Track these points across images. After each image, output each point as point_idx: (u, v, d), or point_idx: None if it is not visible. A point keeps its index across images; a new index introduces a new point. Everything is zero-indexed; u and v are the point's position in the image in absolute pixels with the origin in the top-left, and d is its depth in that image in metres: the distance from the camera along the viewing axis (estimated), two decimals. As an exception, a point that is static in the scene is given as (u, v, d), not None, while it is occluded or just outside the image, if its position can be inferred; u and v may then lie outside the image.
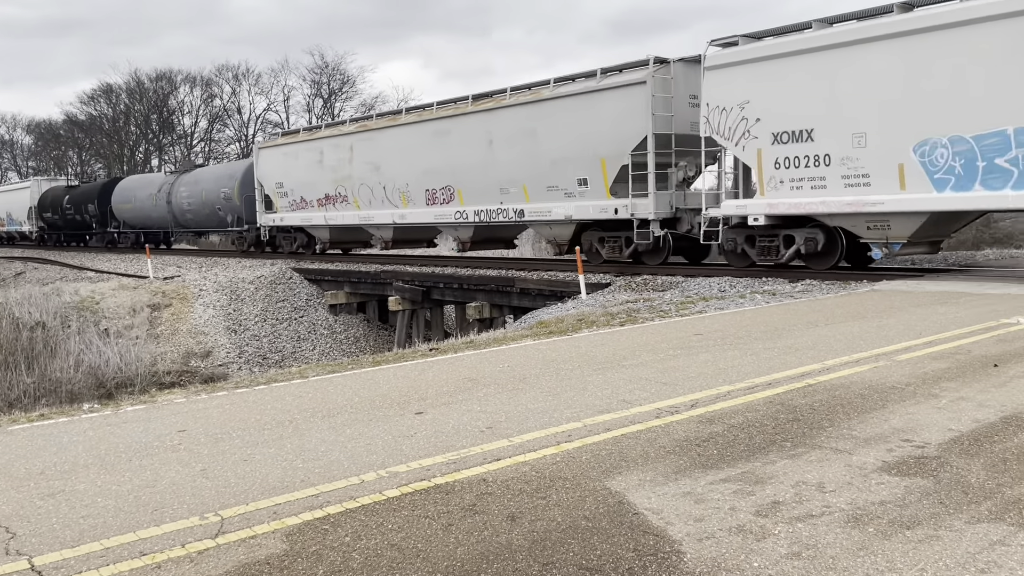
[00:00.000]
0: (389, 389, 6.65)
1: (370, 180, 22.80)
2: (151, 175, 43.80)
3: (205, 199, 30.74)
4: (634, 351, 7.91)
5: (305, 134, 26.26)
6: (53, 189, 45.90)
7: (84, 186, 44.32)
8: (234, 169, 30.93)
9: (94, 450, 5.11)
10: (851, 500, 3.80)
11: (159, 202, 33.85)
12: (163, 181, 34.85)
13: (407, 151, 21.56)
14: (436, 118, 20.91)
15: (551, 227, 18.92)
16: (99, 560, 3.42)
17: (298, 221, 26.05)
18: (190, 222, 33.01)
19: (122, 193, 37.57)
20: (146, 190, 35.44)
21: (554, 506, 3.85)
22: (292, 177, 25.84)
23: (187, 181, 32.48)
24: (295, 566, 3.30)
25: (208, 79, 68.06)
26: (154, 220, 35.19)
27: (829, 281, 13.52)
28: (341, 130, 24.43)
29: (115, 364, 16.64)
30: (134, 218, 36.75)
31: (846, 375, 6.36)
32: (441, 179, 20.72)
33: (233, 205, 29.12)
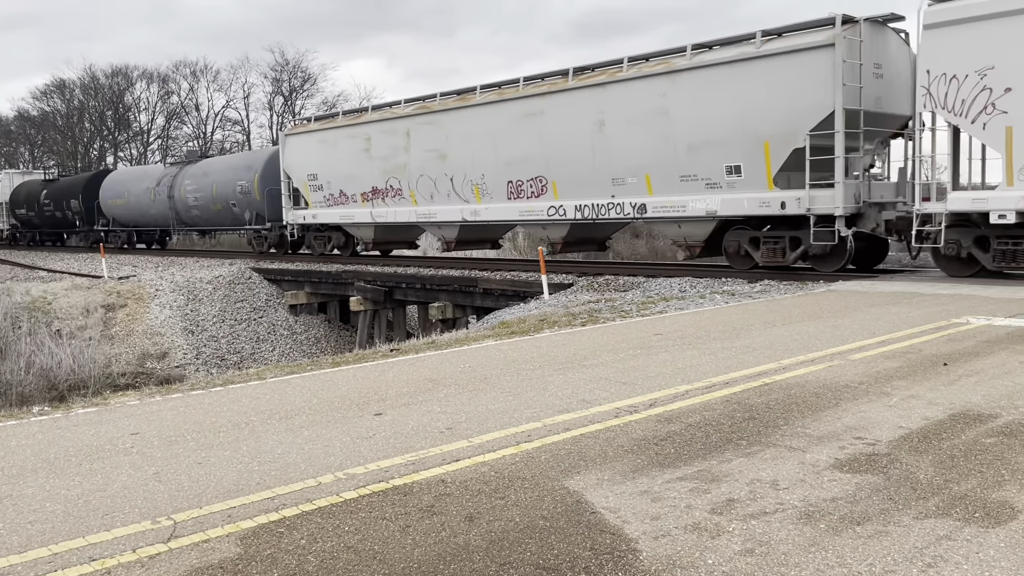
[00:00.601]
0: (348, 390, 6.60)
1: (432, 171, 19.97)
2: (148, 167, 38.38)
3: (216, 194, 27.22)
4: (595, 351, 7.95)
5: (346, 118, 22.90)
6: (28, 183, 41.81)
7: (65, 179, 40.28)
8: (253, 159, 27.13)
9: (43, 454, 4.99)
10: (804, 497, 3.86)
11: (158, 197, 30.44)
12: (163, 173, 31.26)
13: (483, 136, 18.65)
14: (524, 96, 17.85)
15: (680, 225, 16.02)
16: (47, 566, 3.34)
17: (335, 218, 22.97)
18: (196, 219, 29.52)
19: (112, 187, 33.89)
20: (142, 183, 31.94)
21: (512, 506, 3.85)
22: (329, 168, 22.78)
23: (193, 173, 28.99)
24: (249, 570, 3.25)
25: (165, 75, 66.87)
26: (151, 217, 31.78)
27: (787, 282, 13.73)
28: (395, 112, 21.03)
29: (68, 366, 16.28)
30: (126, 215, 33.25)
31: (801, 374, 6.47)
32: (529, 168, 17.87)
33: (251, 200, 25.70)
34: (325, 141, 22.94)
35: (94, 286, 21.44)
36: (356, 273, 20.64)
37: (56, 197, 37.29)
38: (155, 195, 30.62)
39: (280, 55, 77.92)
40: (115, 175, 35.65)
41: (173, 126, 67.48)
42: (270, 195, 24.91)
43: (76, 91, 68.43)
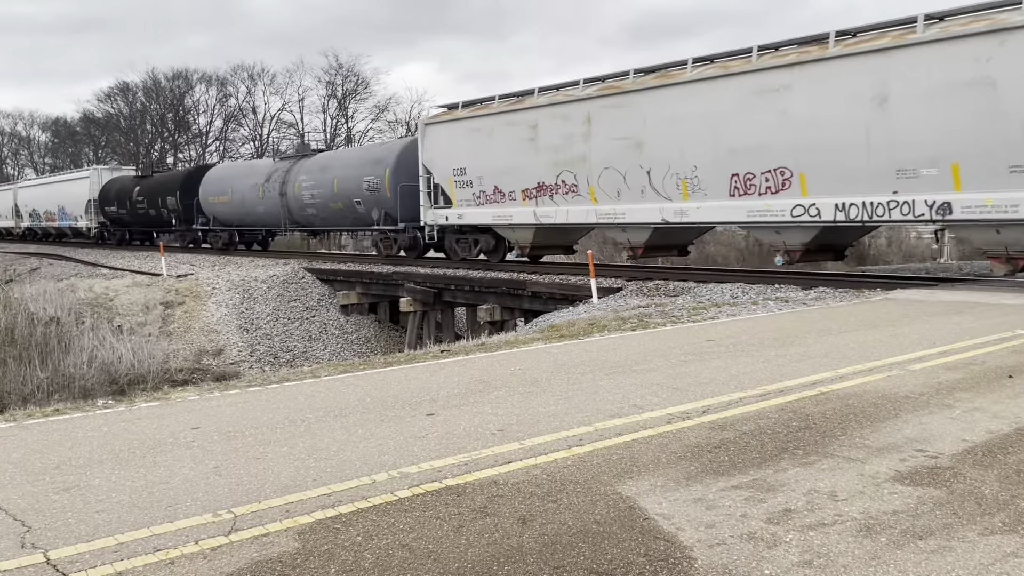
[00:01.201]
0: (401, 390, 6.67)
1: (621, 162, 16.81)
2: (254, 162, 36.09)
3: (339, 190, 24.39)
4: (646, 356, 7.90)
5: (505, 103, 19.65)
6: (119, 179, 39.67)
7: (160, 175, 37.73)
8: (383, 153, 23.96)
9: (108, 446, 5.15)
10: (863, 509, 3.79)
11: (268, 194, 27.63)
12: (272, 169, 28.48)
13: (697, 120, 15.42)
14: (759, 69, 14.52)
15: (1000, 231, 12.42)
16: (113, 555, 3.45)
17: (486, 219, 20.08)
18: (311, 219, 26.61)
19: (214, 183, 31.24)
20: (248, 179, 29.29)
21: (565, 510, 3.85)
22: (481, 161, 19.78)
23: (309, 168, 26.27)
24: (307, 564, 3.32)
25: (224, 79, 68.48)
26: (257, 216, 29.03)
27: (843, 289, 13.47)
28: (570, 95, 17.92)
29: (128, 361, 16.75)
30: (229, 214, 30.59)
31: (859, 384, 6.34)
32: (765, 158, 14.51)
33: (381, 198, 22.88)
34: (477, 130, 19.91)
35: (154, 283, 22.03)
36: (406, 275, 20.84)
37: (150, 194, 35.05)
38: (264, 192, 27.83)
39: (334, 59, 79.11)
40: (217, 171, 33.21)
41: (231, 128, 69.05)
42: (403, 192, 22.08)
43: (138, 94, 70.51)
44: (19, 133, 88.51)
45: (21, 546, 3.56)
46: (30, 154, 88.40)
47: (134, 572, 3.28)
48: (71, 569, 3.32)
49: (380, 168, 23.11)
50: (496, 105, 19.82)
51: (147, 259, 30.56)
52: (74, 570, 3.31)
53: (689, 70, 15.72)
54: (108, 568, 3.32)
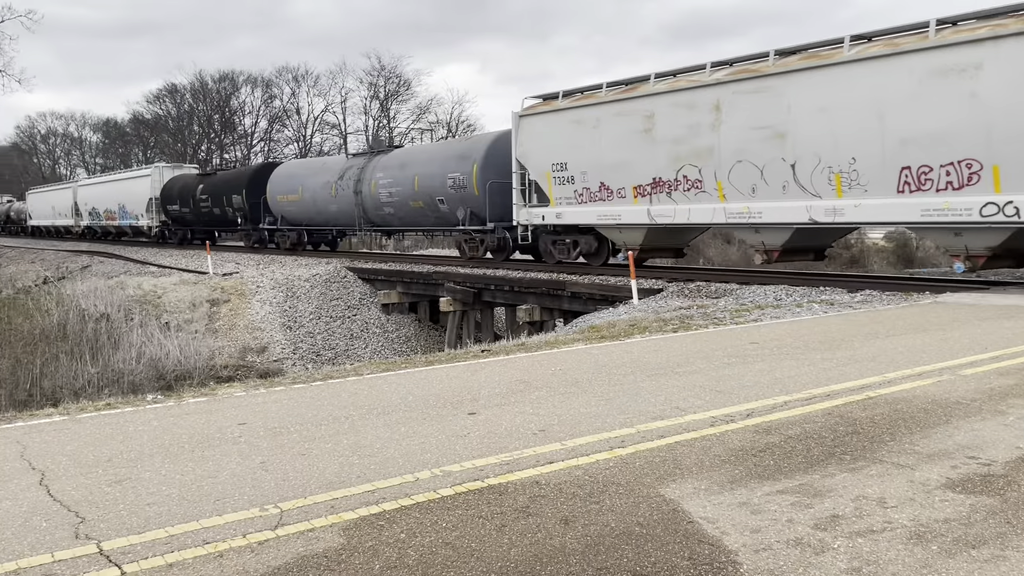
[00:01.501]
0: (442, 389, 6.71)
1: (759, 155, 14.91)
2: (326, 159, 34.40)
3: (420, 188, 22.83)
4: (688, 358, 7.84)
5: (614, 91, 17.80)
6: (182, 177, 38.74)
7: (225, 173, 36.69)
8: (471, 147, 22.13)
9: (158, 440, 5.27)
10: (914, 516, 3.71)
11: (341, 192, 26.17)
12: (345, 166, 27.02)
13: (858, 105, 13.48)
14: (939, 46, 12.55)
15: None
16: (164, 547, 3.52)
17: (589, 218, 18.38)
18: (388, 219, 24.99)
19: (283, 181, 30.04)
20: (319, 177, 27.93)
21: (607, 511, 3.84)
22: (585, 155, 18.08)
23: (387, 164, 24.75)
24: (352, 560, 3.35)
25: (269, 80, 69.57)
26: (329, 215, 27.75)
27: (890, 292, 13.21)
28: (695, 80, 16.01)
29: (175, 357, 17.10)
30: (299, 213, 29.29)
31: (908, 389, 6.21)
32: (946, 149, 12.54)
33: (467, 196, 21.34)
34: (580, 122, 18.20)
35: (200, 282, 22.45)
36: (446, 274, 20.95)
37: (215, 192, 33.86)
38: (337, 190, 26.38)
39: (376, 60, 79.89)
40: (286, 168, 31.91)
41: (275, 129, 70.10)
42: (494, 190, 20.52)
43: (186, 95, 71.94)
44: (72, 134, 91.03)
45: (75, 536, 3.66)
46: (82, 154, 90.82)
47: (184, 564, 3.34)
48: (123, 560, 3.40)
49: (467, 164, 21.33)
50: (603, 94, 17.90)
51: (194, 257, 31.15)
52: (126, 561, 3.38)
53: (846, 49, 13.74)
54: (159, 560, 3.39)
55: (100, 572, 3.29)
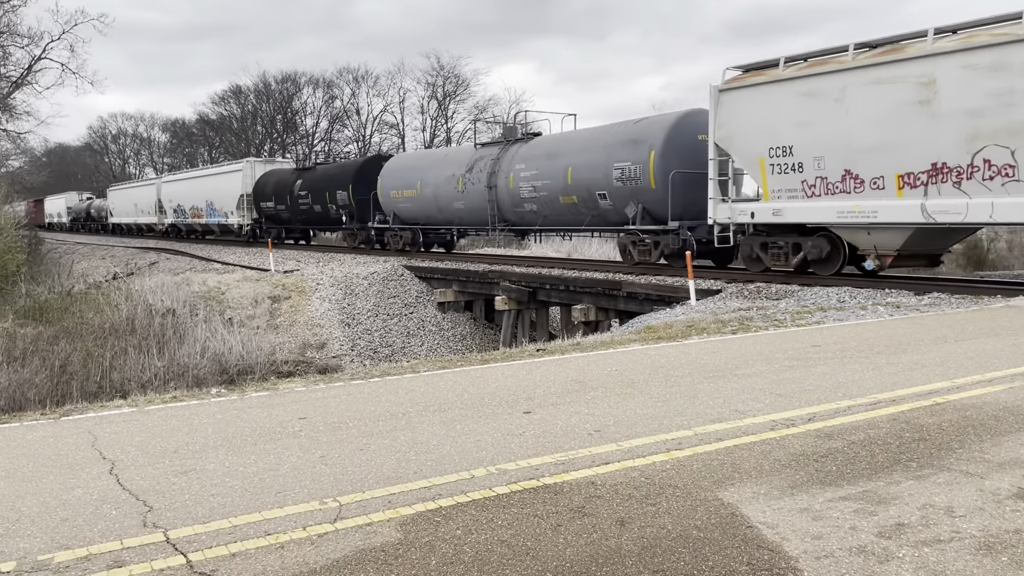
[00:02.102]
0: (497, 387, 6.73)
1: None
2: (449, 149, 30.35)
3: (574, 181, 19.65)
4: (747, 360, 7.71)
5: (866, 55, 14.16)
6: (276, 172, 36.34)
7: (326, 167, 33.93)
8: (645, 131, 18.40)
9: (222, 432, 5.40)
10: (983, 526, 3.59)
11: (471, 186, 23.12)
12: (475, 156, 23.78)
13: None
14: None
15: None
16: (227, 537, 3.62)
17: (824, 215, 14.86)
18: (530, 217, 21.73)
19: (398, 174, 26.91)
20: (442, 169, 24.90)
21: (664, 513, 3.80)
22: (820, 135, 14.64)
23: (529, 154, 21.55)
24: (409, 555, 3.39)
25: (330, 81, 70.75)
26: (454, 213, 24.50)
27: (959, 295, 12.79)
28: (1004, 33, 12.41)
29: (238, 352, 17.51)
30: (416, 210, 26.20)
31: (978, 395, 6.01)
32: None
33: (639, 189, 18.06)
34: (817, 93, 14.71)
35: (262, 278, 22.96)
36: (502, 273, 21.01)
37: (315, 188, 31.36)
38: (465, 184, 23.34)
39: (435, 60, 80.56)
40: (400, 160, 28.47)
41: (335, 129, 71.26)
42: (676, 182, 17.27)
43: (250, 96, 73.64)
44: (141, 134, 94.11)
45: (143, 525, 3.78)
46: (150, 154, 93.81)
47: (246, 555, 3.42)
48: (189, 549, 3.50)
49: (640, 151, 18.02)
50: (850, 58, 14.26)
51: (256, 255, 31.86)
52: (191, 550, 3.48)
53: None
54: (223, 549, 3.48)
55: (167, 560, 3.39)
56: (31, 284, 22.63)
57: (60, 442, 5.27)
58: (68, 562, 3.39)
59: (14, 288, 21.23)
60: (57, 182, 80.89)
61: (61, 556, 3.45)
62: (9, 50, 35.15)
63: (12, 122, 37.77)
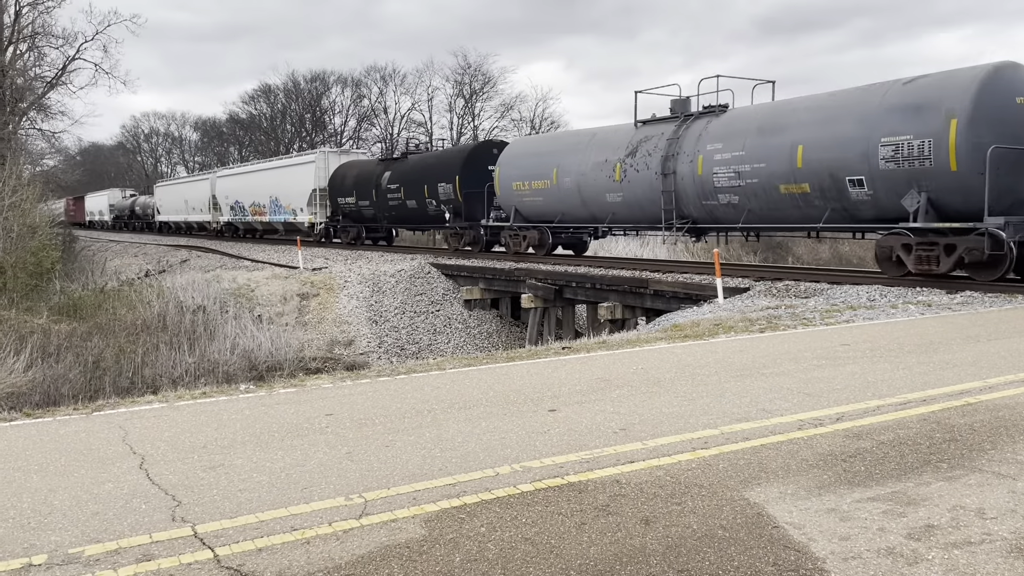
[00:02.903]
0: (523, 385, 6.73)
1: None
2: (592, 129, 21.50)
3: (806, 164, 15.10)
4: (775, 359, 7.64)
5: None
6: (357, 163, 32.35)
7: (423, 156, 28.69)
8: (932, 94, 13.53)
9: (250, 428, 5.46)
10: (1015, 529, 3.53)
11: (636, 175, 18.52)
12: (637, 137, 18.90)
13: None
14: None
15: None
16: (254, 531, 3.65)
17: None
18: (726, 212, 17.00)
19: (523, 163, 22.23)
20: (589, 155, 20.00)
21: (689, 513, 3.78)
22: None
23: (730, 131, 16.77)
24: (433, 551, 3.40)
25: (358, 80, 71.13)
26: (605, 208, 19.80)
27: (992, 294, 12.56)
28: None
29: (267, 349, 17.69)
30: (547, 206, 21.55)
31: (1011, 395, 5.90)
32: None
33: (921, 172, 13.39)
34: None
35: (291, 276, 23.16)
36: (528, 271, 21.00)
37: (409, 180, 27.18)
38: (624, 172, 18.83)
39: (463, 58, 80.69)
40: (525, 145, 23.85)
41: (363, 128, 71.65)
42: (996, 160, 12.64)
43: (279, 95, 74.28)
44: (172, 133, 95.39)
45: (172, 519, 3.83)
46: (181, 153, 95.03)
47: (272, 549, 3.46)
48: (216, 543, 3.54)
49: (928, 120, 13.33)
50: None
51: (285, 252, 32.14)
52: (219, 544, 3.53)
53: None
54: (249, 544, 3.52)
55: (195, 554, 3.43)
56: (65, 281, 23.03)
57: (92, 437, 5.36)
58: (98, 555, 3.45)
59: (49, 285, 21.62)
60: (91, 181, 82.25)
61: (91, 549, 3.50)
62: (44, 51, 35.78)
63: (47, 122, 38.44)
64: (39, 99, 35.94)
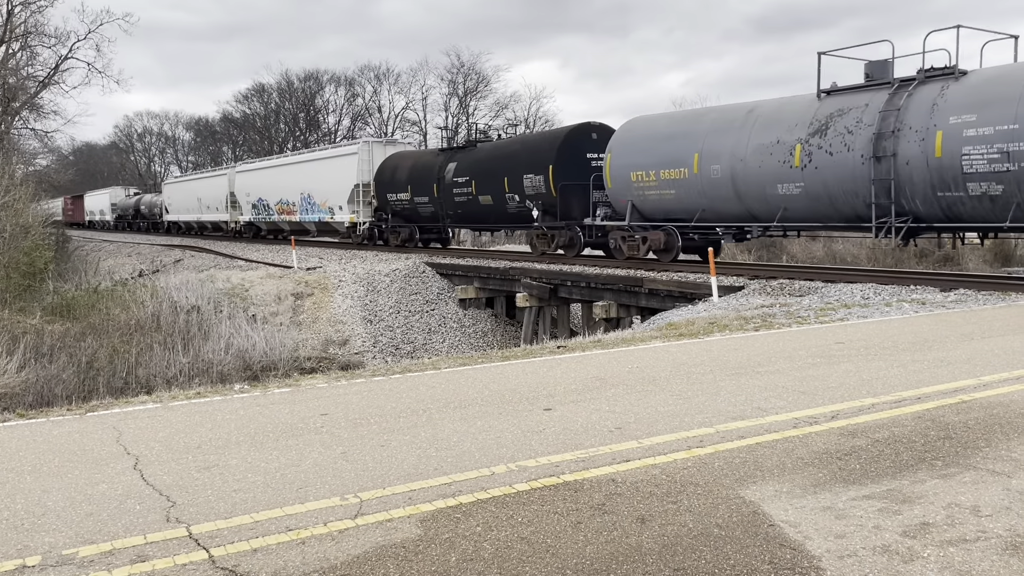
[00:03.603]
0: (518, 384, 6.73)
1: None
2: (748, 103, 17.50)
3: None
4: (770, 357, 7.65)
5: None
6: (408, 154, 28.84)
7: (495, 145, 24.50)
8: None
9: (245, 428, 5.44)
10: (1010, 527, 3.53)
11: (824, 157, 14.76)
12: (825, 110, 15.10)
13: None
14: None
15: None
16: (249, 532, 3.64)
17: None
18: (977, 206, 13.21)
19: (644, 145, 18.45)
20: (750, 135, 16.24)
21: (685, 511, 3.78)
22: None
23: (982, 98, 12.99)
24: (429, 551, 3.40)
25: (352, 79, 71.01)
26: (777, 202, 15.81)
27: (986, 291, 12.60)
28: None
29: (261, 348, 17.64)
30: (683, 200, 17.74)
31: (1005, 392, 5.92)
32: None
33: None
34: None
35: (285, 275, 23.11)
36: (523, 270, 20.99)
37: (483, 172, 23.36)
38: (805, 155, 15.05)
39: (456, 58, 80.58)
40: (647, 125, 19.20)
41: (357, 127, 71.52)
42: None
43: (273, 94, 74.13)
44: (165, 133, 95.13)
45: (166, 520, 3.82)
46: (175, 152, 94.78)
47: (267, 550, 3.45)
48: (211, 544, 3.52)
49: None
50: None
51: (279, 252, 32.07)
52: (213, 545, 3.51)
53: None
54: (244, 545, 3.50)
55: (189, 555, 3.42)
56: (58, 281, 22.95)
57: (85, 437, 5.34)
58: (92, 556, 3.43)
59: (42, 285, 21.54)
60: (84, 180, 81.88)
61: (85, 551, 3.49)
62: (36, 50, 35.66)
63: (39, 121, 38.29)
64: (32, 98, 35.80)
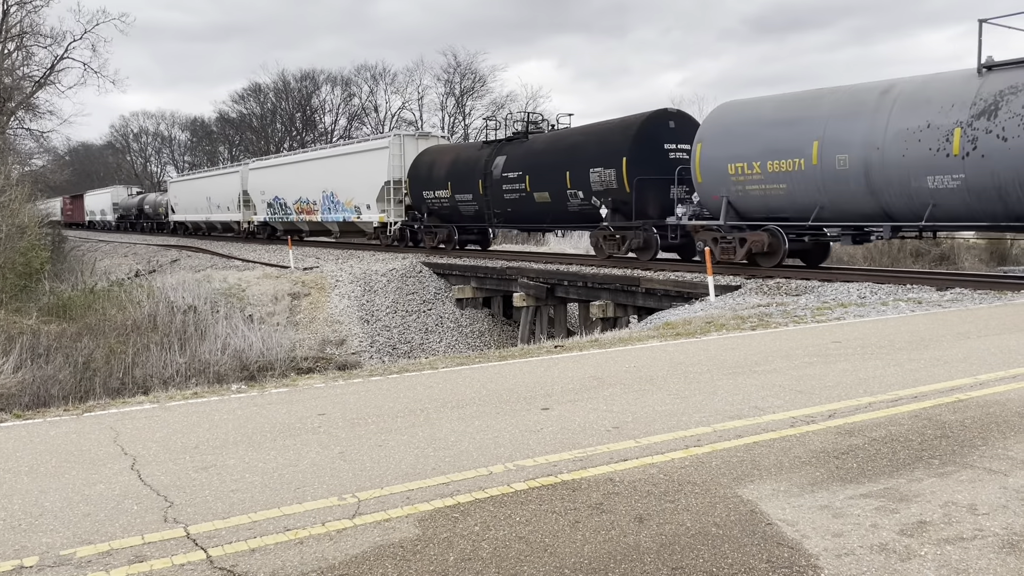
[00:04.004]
0: (515, 384, 6.73)
1: None
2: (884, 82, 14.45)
3: None
4: (767, 357, 7.66)
5: None
6: (446, 148, 26.41)
7: (552, 136, 21.74)
8: None
9: (242, 428, 5.44)
10: (1006, 525, 3.54)
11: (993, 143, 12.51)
12: (994, 86, 12.79)
13: None
14: None
15: None
16: (247, 532, 3.64)
17: None
18: None
19: (744, 130, 16.15)
20: (888, 117, 13.90)
21: (683, 510, 3.79)
22: None
23: None
24: (427, 551, 3.40)
25: (348, 79, 70.95)
26: (925, 197, 13.43)
27: (982, 290, 12.63)
28: None
29: (258, 348, 17.62)
30: (790, 197, 15.53)
31: (1002, 391, 5.93)
32: None
33: None
34: None
35: (282, 275, 23.09)
36: (520, 270, 20.99)
37: (539, 167, 21.04)
38: (966, 141, 12.84)
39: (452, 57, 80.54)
40: (739, 110, 16.83)
41: (354, 127, 71.47)
42: None
43: (269, 94, 74.06)
44: (161, 133, 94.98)
45: (164, 520, 3.81)
46: (171, 152, 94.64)
47: (265, 550, 3.45)
48: (209, 544, 3.52)
49: None
50: None
51: (276, 252, 32.03)
52: (211, 545, 3.51)
53: None
54: (242, 545, 3.50)
55: (187, 555, 3.42)
56: (54, 282, 22.90)
57: (82, 438, 5.33)
58: (90, 557, 3.43)
59: (38, 285, 21.49)
60: (80, 180, 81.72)
61: (83, 551, 3.48)
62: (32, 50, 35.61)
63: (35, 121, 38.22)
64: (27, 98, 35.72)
